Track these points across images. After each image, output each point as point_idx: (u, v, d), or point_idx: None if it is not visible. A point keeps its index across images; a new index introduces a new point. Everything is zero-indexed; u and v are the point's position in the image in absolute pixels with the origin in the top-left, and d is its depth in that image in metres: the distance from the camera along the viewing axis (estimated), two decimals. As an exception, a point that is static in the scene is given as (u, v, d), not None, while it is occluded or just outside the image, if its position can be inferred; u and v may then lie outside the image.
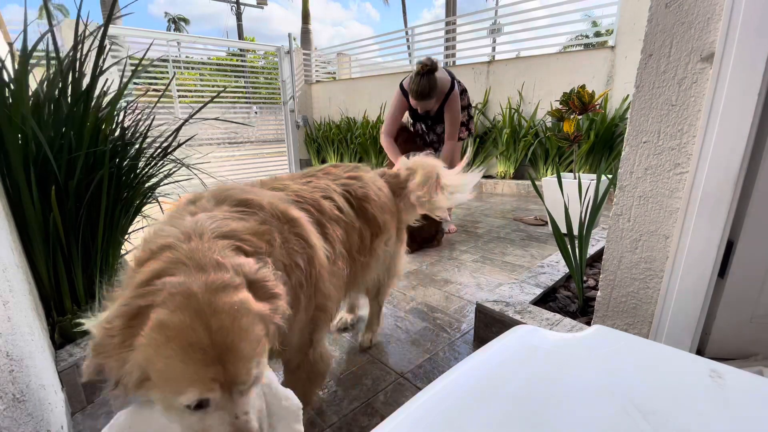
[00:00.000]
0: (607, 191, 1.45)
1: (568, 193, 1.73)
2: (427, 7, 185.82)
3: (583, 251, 1.40)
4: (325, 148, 6.29)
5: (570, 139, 2.58)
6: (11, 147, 1.12)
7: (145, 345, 0.52)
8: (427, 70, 2.35)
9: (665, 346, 0.54)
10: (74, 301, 1.33)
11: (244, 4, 23.79)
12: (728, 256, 1.01)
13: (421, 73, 2.36)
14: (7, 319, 0.75)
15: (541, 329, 0.58)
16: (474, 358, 0.54)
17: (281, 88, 6.04)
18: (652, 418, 0.40)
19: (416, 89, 2.39)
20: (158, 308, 0.54)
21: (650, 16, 0.95)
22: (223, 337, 0.53)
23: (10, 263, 0.93)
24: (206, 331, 0.52)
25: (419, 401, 0.46)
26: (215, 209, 0.74)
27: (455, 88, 2.49)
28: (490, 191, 4.52)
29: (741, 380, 0.46)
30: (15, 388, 0.66)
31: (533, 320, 1.29)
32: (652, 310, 1.09)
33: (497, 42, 5.16)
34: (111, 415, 0.62)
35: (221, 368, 0.52)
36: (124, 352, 0.53)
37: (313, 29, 18.08)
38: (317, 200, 0.96)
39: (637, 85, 1.00)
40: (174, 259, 0.60)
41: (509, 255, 2.35)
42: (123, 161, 1.39)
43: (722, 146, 0.88)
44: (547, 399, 0.45)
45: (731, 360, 1.08)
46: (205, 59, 6.35)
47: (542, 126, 4.25)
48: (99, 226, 1.31)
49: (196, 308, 0.53)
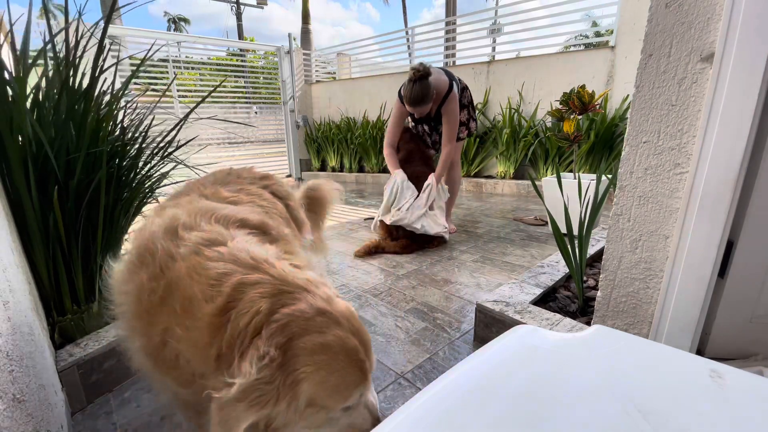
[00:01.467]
0: (607, 191, 1.45)
1: (568, 193, 1.73)
2: (427, 7, 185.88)
3: (583, 251, 1.40)
4: (325, 148, 6.29)
5: (570, 139, 2.58)
6: (10, 146, 1.12)
7: (313, 371, 0.55)
8: (419, 76, 2.36)
9: (665, 346, 0.54)
10: (74, 301, 1.33)
11: (244, 4, 23.80)
12: (728, 256, 1.01)
13: (413, 79, 2.37)
14: (7, 319, 0.75)
15: (541, 329, 0.58)
16: (474, 358, 0.54)
17: (281, 88, 6.05)
18: (652, 418, 0.40)
19: (409, 96, 2.40)
20: (304, 337, 0.55)
21: (650, 16, 0.95)
22: (362, 336, 0.61)
23: (10, 263, 0.94)
24: (354, 336, 0.60)
25: (419, 401, 0.46)
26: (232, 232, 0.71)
27: (453, 89, 2.48)
28: (490, 191, 4.52)
29: (741, 380, 0.46)
30: (15, 388, 0.66)
31: (533, 320, 1.29)
32: (652, 310, 1.09)
33: (497, 42, 5.16)
34: (111, 415, 0.62)
35: (368, 362, 0.61)
36: (292, 389, 0.54)
37: (313, 29, 18.08)
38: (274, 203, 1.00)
39: (637, 85, 1.00)
40: (270, 291, 0.59)
41: (509, 255, 2.35)
42: (123, 161, 1.39)
43: (722, 146, 0.88)
44: (547, 399, 0.45)
45: (731, 360, 1.08)
46: (205, 59, 6.35)
47: (542, 126, 4.25)
48: (99, 226, 1.31)
49: (335, 321, 0.59)
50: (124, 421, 1.10)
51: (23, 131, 1.15)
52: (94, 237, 1.33)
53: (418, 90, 2.37)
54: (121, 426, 1.08)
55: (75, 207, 1.26)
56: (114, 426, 1.08)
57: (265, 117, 6.50)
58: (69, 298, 1.31)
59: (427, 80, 2.37)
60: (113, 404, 1.16)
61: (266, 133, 6.43)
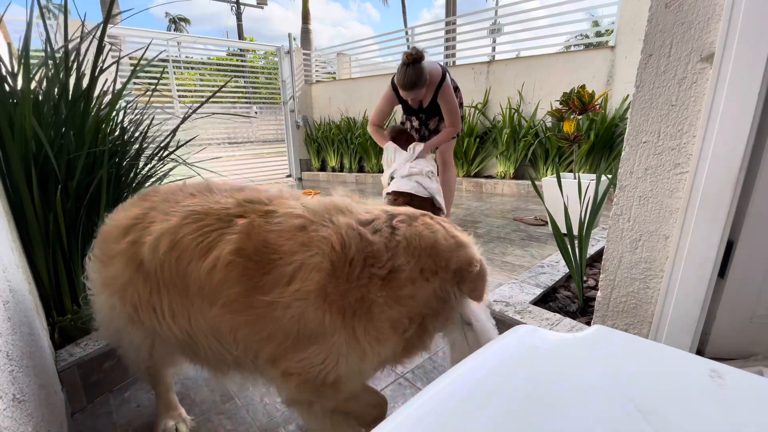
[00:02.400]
0: (607, 191, 1.45)
1: (568, 193, 1.73)
2: (426, 7, 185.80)
3: (583, 251, 1.40)
4: (325, 148, 6.29)
5: (570, 139, 2.58)
6: (11, 146, 1.12)
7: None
8: (413, 59, 2.30)
9: (665, 346, 0.54)
10: (74, 301, 1.33)
11: (244, 4, 23.79)
12: (728, 256, 1.01)
13: (407, 63, 2.32)
14: (7, 319, 0.75)
15: (541, 329, 0.58)
16: (474, 358, 0.54)
17: (281, 88, 6.05)
18: (652, 418, 0.40)
19: (403, 79, 2.34)
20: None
21: (650, 16, 0.95)
22: None
23: (10, 263, 0.94)
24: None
25: (419, 401, 0.46)
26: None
27: (447, 78, 2.47)
28: (490, 191, 4.52)
29: (741, 380, 0.46)
30: (15, 388, 0.66)
31: (533, 320, 1.29)
32: (652, 310, 1.09)
33: (497, 42, 5.15)
34: (111, 415, 0.63)
35: None
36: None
37: (313, 29, 18.08)
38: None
39: (637, 85, 1.00)
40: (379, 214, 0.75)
41: (509, 255, 2.35)
42: (123, 161, 1.40)
43: (722, 146, 0.88)
44: (547, 399, 0.45)
45: (731, 360, 1.08)
46: (205, 59, 6.35)
47: (542, 126, 4.24)
48: (98, 226, 1.31)
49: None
50: (124, 421, 1.10)
51: (25, 132, 1.15)
52: (94, 237, 1.33)
53: (411, 73, 2.31)
54: (121, 426, 1.08)
55: (75, 207, 1.26)
56: (114, 426, 1.08)
57: (265, 117, 6.49)
58: (69, 298, 1.31)
59: (420, 64, 2.32)
60: (113, 404, 1.16)
61: (266, 133, 6.42)
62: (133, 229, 0.79)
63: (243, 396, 1.18)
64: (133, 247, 0.77)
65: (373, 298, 0.67)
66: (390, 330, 0.70)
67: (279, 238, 0.69)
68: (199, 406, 1.15)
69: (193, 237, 0.71)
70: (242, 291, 0.68)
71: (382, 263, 0.68)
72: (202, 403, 1.16)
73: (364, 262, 0.68)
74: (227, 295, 0.69)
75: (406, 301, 0.69)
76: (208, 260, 0.69)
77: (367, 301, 0.67)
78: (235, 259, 0.68)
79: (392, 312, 0.69)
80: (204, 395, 1.20)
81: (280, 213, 0.73)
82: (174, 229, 0.73)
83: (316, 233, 0.69)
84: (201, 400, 1.17)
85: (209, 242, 0.70)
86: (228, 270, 0.68)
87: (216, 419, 1.10)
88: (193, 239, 0.71)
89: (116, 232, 0.82)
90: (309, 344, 0.69)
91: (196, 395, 1.20)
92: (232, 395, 1.19)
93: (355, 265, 0.68)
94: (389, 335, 0.70)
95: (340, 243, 0.68)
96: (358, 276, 0.67)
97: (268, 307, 0.67)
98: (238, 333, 0.71)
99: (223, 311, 0.70)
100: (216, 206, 0.75)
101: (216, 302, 0.70)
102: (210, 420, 1.10)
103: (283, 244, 0.68)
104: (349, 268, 0.67)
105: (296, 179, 6.29)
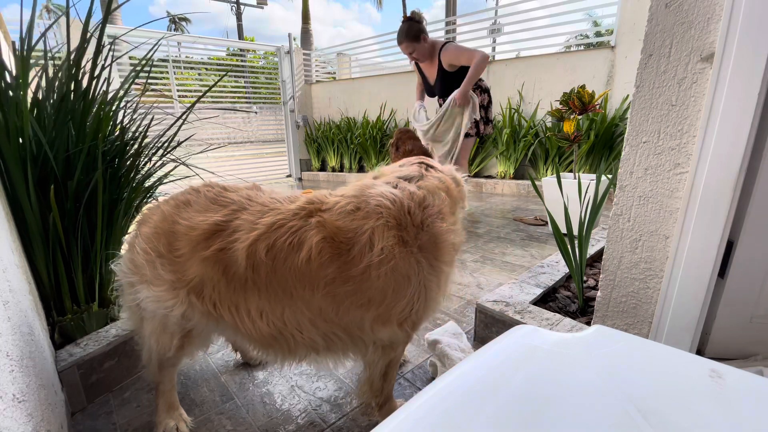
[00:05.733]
0: (607, 191, 1.45)
1: (568, 193, 1.73)
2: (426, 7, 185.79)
3: (583, 251, 1.40)
4: (325, 148, 6.29)
5: (570, 139, 2.58)
6: (9, 147, 1.12)
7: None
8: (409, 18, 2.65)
9: (665, 346, 0.54)
10: (74, 301, 1.33)
11: (244, 4, 23.78)
12: (728, 256, 1.01)
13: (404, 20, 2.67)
14: (7, 319, 0.75)
15: (541, 329, 0.58)
16: (474, 358, 0.54)
17: (281, 88, 6.05)
18: (652, 418, 0.40)
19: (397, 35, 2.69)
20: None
21: (650, 16, 0.95)
22: None
23: (10, 263, 0.94)
24: None
25: (419, 401, 0.46)
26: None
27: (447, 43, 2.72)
28: (490, 191, 4.52)
29: (741, 380, 0.46)
30: (15, 388, 0.66)
31: (533, 320, 1.29)
32: (652, 310, 1.09)
33: (497, 42, 5.15)
34: (111, 415, 0.63)
35: None
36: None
37: (313, 29, 18.09)
38: None
39: (637, 85, 1.00)
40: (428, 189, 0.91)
41: (509, 255, 2.35)
42: (122, 161, 1.39)
43: (722, 146, 0.88)
44: (547, 399, 0.45)
45: (731, 360, 1.08)
46: (205, 59, 6.35)
47: (542, 126, 4.24)
48: (98, 226, 1.31)
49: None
50: (124, 421, 1.10)
51: (24, 132, 1.15)
52: (93, 237, 1.33)
53: (401, 28, 2.67)
54: (121, 426, 1.08)
55: (74, 207, 1.26)
56: (114, 426, 1.08)
57: (265, 117, 6.49)
58: (69, 298, 1.31)
59: (414, 22, 2.64)
60: (113, 404, 1.16)
61: (266, 133, 6.42)
62: (219, 236, 0.85)
63: (243, 396, 1.18)
64: (219, 254, 0.84)
65: (438, 232, 0.85)
66: (453, 253, 0.90)
67: (345, 222, 0.82)
68: (199, 406, 1.15)
69: (285, 238, 0.81)
70: (338, 268, 0.80)
71: (433, 204, 0.87)
72: (202, 403, 1.16)
73: (419, 207, 0.85)
74: (326, 276, 0.80)
75: (455, 229, 0.91)
76: (302, 252, 0.80)
77: (434, 236, 0.85)
78: (324, 245, 0.80)
79: (452, 238, 0.89)
80: (204, 395, 1.20)
81: (331, 207, 0.85)
82: (266, 235, 0.82)
83: (367, 206, 0.83)
84: (201, 400, 1.17)
85: (298, 239, 0.81)
86: (321, 255, 0.80)
87: (216, 419, 1.10)
88: (285, 240, 0.81)
89: (194, 234, 0.86)
90: (406, 289, 0.83)
91: (196, 395, 1.20)
92: (232, 395, 1.19)
93: (414, 212, 0.84)
94: (453, 257, 0.91)
95: (391, 201, 0.83)
96: (421, 220, 0.84)
97: (364, 274, 0.80)
98: (341, 307, 0.83)
99: (326, 291, 0.81)
100: (288, 213, 0.86)
101: (318, 286, 0.81)
102: (210, 420, 1.10)
103: (350, 224, 0.82)
104: (410, 216, 0.83)
105: (296, 179, 6.29)
